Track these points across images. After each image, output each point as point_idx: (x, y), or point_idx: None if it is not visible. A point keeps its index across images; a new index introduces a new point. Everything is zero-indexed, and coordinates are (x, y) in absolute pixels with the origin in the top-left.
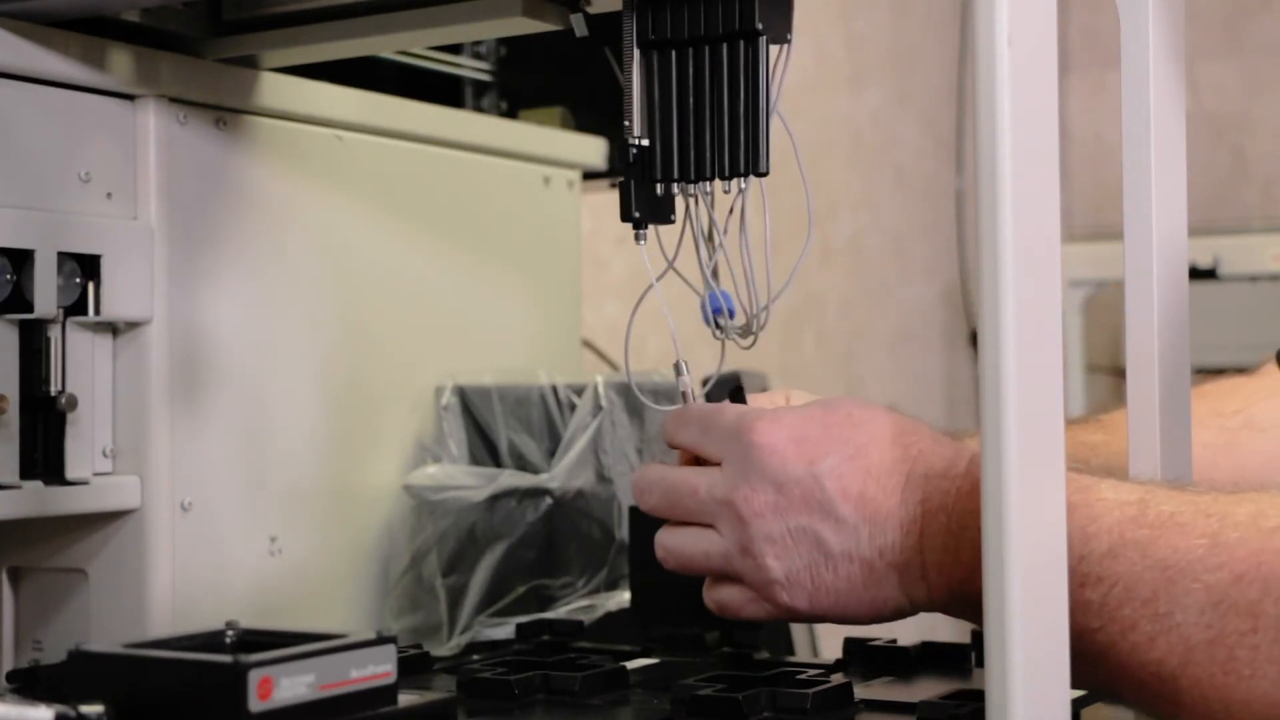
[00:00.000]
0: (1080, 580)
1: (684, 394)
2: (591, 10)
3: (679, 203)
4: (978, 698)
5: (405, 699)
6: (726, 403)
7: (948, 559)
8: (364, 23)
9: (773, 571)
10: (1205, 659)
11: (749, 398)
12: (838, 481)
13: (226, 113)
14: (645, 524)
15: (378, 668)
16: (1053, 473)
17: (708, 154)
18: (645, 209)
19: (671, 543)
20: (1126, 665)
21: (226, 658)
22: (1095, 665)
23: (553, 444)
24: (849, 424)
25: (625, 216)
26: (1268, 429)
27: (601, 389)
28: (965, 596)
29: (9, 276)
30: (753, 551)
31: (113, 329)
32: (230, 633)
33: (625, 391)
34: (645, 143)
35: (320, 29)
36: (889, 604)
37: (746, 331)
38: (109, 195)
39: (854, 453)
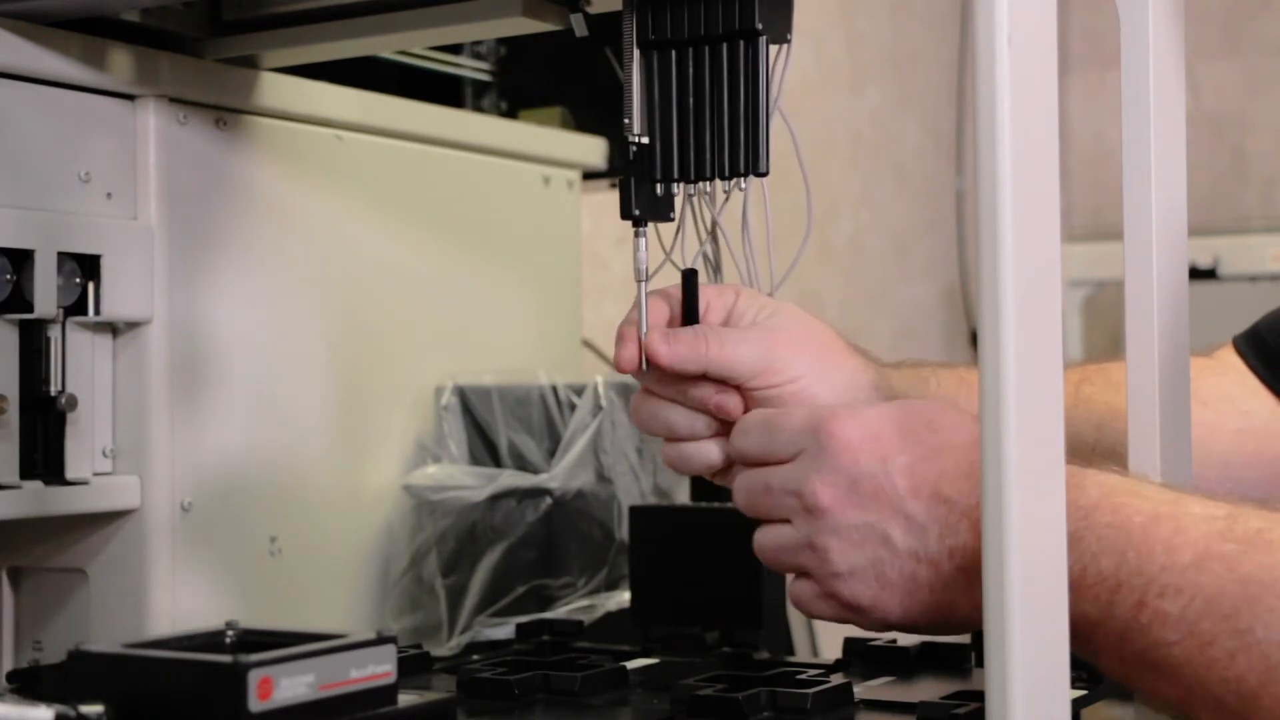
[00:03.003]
0: (1160, 591)
1: (637, 269)
2: (591, 10)
3: (678, 201)
4: (978, 698)
5: (405, 699)
6: (789, 409)
7: None
8: (364, 23)
9: (836, 565)
10: None
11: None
12: (910, 479)
13: (226, 113)
14: (645, 524)
15: (378, 668)
16: (1053, 473)
17: (708, 154)
18: (645, 207)
19: (759, 540)
20: (1204, 681)
21: (226, 658)
22: (1171, 680)
23: (553, 444)
24: (928, 428)
25: (625, 214)
26: (1209, 403)
27: (601, 389)
28: None
29: (9, 276)
30: (817, 545)
31: (113, 329)
32: (230, 633)
33: (625, 391)
34: (645, 141)
35: (320, 29)
36: (956, 609)
37: None
38: (109, 195)
39: (928, 453)
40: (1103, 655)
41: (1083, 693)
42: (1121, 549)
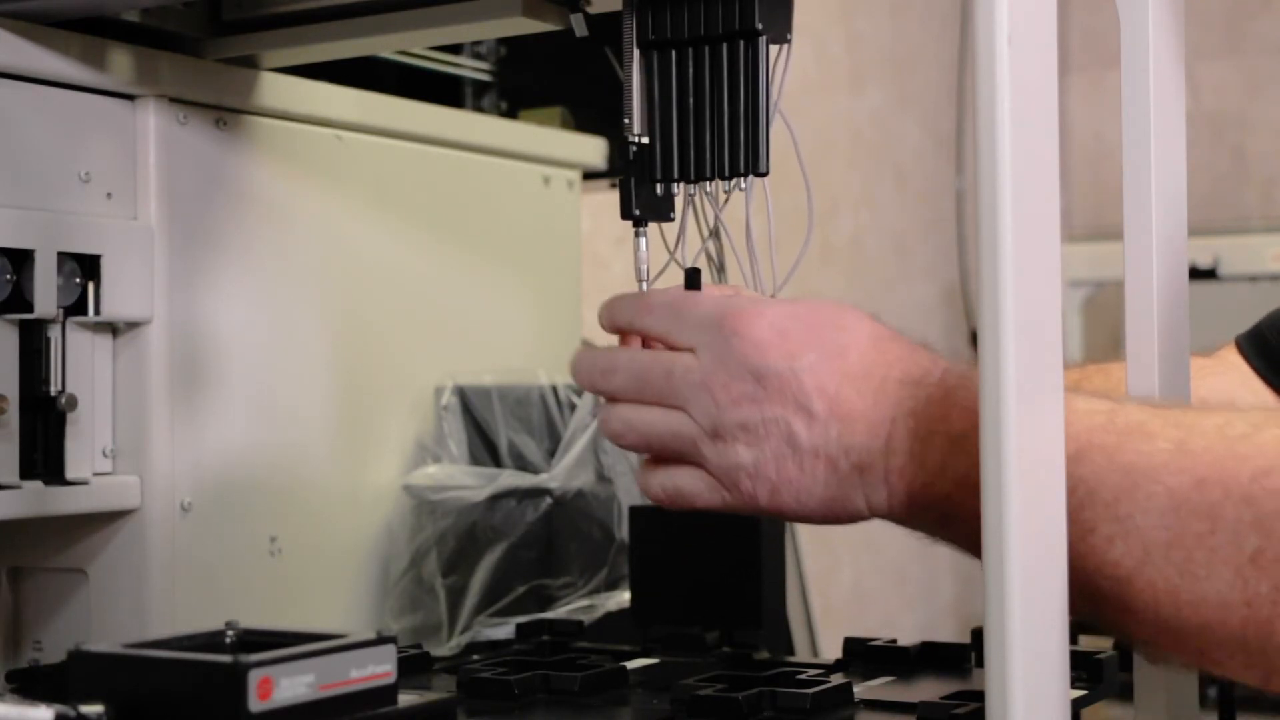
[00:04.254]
0: None
1: (638, 269)
2: (591, 10)
3: (678, 202)
4: (978, 698)
5: (405, 699)
6: (698, 292)
7: (911, 463)
8: (364, 23)
9: (741, 457)
10: (1162, 560)
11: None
12: (815, 378)
13: (226, 113)
14: (645, 524)
15: (378, 668)
16: (1053, 473)
17: (708, 154)
18: (645, 207)
19: (636, 418)
20: (1082, 569)
21: (226, 658)
22: None
23: (553, 444)
24: (832, 326)
25: (625, 214)
26: (1210, 402)
27: None
28: (924, 502)
29: (9, 276)
30: (724, 436)
31: (113, 329)
32: (230, 633)
33: None
34: (645, 140)
35: (320, 29)
36: (847, 506)
37: None
38: (109, 195)
39: (833, 353)
40: None
41: (1083, 693)
42: None
